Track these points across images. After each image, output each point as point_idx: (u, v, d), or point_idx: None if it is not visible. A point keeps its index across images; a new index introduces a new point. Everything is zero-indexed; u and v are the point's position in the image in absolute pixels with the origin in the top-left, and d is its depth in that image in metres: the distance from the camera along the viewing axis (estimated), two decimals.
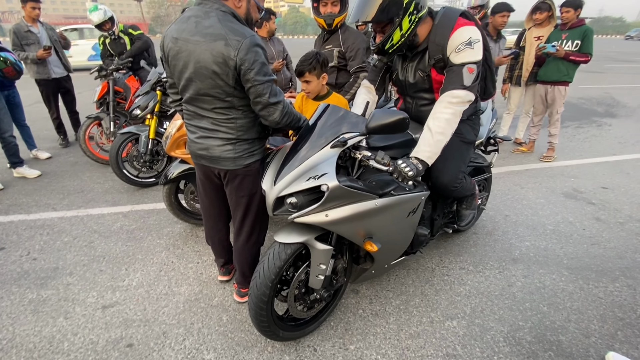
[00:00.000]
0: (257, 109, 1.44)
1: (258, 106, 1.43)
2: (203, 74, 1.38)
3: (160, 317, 1.89)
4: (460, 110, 1.52)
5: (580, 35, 3.60)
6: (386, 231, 1.56)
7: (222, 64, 1.33)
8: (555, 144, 4.10)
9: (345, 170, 1.52)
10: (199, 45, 1.34)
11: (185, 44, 1.37)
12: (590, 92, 8.21)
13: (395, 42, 1.55)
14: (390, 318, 1.89)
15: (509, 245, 2.51)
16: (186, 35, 1.37)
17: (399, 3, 1.44)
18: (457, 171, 1.77)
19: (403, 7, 1.45)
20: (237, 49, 1.30)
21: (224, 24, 1.33)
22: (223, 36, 1.31)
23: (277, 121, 1.46)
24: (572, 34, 3.66)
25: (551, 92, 3.90)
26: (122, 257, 2.40)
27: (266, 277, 1.45)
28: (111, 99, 3.72)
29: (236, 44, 1.30)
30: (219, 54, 1.32)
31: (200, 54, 1.34)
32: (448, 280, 2.17)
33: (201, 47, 1.34)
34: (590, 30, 3.59)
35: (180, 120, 2.26)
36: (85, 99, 6.46)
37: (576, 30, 3.63)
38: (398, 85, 1.87)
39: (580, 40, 3.60)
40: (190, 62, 1.38)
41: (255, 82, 1.36)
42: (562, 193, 3.30)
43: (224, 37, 1.31)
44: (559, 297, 2.04)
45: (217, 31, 1.32)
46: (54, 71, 4.09)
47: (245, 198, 1.69)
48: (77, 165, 4.00)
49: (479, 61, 1.50)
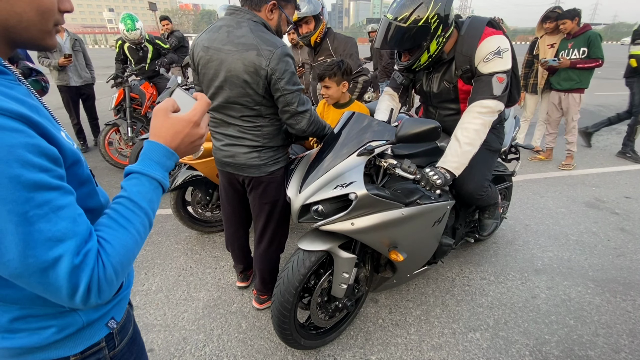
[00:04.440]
0: (285, 117, 1.46)
1: (286, 115, 1.45)
2: (234, 83, 1.40)
3: (180, 322, 1.90)
4: (489, 121, 1.50)
5: (585, 42, 3.58)
6: (411, 240, 1.54)
7: (253, 73, 1.36)
8: (573, 151, 4.03)
9: (370, 178, 1.51)
10: (231, 54, 1.37)
11: (217, 52, 1.40)
12: (608, 99, 8.06)
13: (422, 62, 1.56)
14: (411, 328, 1.86)
15: (531, 256, 2.46)
16: (218, 44, 1.40)
17: (426, 29, 1.43)
18: (483, 179, 1.75)
19: (430, 32, 1.45)
20: (269, 58, 1.33)
21: (255, 34, 1.36)
22: (255, 46, 1.34)
23: (304, 129, 1.48)
24: (577, 42, 3.64)
25: (565, 100, 3.85)
26: (142, 261, 2.42)
27: (290, 284, 1.45)
28: (127, 106, 3.82)
29: (268, 54, 1.33)
30: (250, 64, 1.34)
31: (232, 63, 1.37)
32: (469, 290, 2.13)
33: (233, 56, 1.36)
34: (594, 35, 3.56)
35: None
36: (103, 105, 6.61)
37: (580, 38, 3.61)
38: (421, 94, 1.86)
39: (586, 47, 3.58)
40: (222, 71, 1.40)
41: (284, 92, 1.38)
42: (584, 202, 3.23)
43: (256, 47, 1.34)
44: (586, 310, 1.98)
45: (249, 41, 1.35)
46: (73, 79, 4.21)
47: (268, 205, 1.69)
48: (95, 170, 4.08)
49: (508, 70, 1.48)
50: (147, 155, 0.62)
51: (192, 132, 0.65)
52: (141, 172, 0.60)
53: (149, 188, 0.60)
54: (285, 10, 1.49)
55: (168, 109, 0.64)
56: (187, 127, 0.64)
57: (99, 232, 0.54)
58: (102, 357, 0.68)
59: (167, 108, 0.64)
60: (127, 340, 0.74)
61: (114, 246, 0.53)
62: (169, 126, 0.63)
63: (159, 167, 0.62)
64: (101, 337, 0.67)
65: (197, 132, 0.66)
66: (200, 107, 0.66)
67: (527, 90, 4.27)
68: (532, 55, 4.14)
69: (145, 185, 0.59)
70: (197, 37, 1.50)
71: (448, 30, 1.50)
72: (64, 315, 0.60)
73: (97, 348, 0.66)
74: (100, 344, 0.67)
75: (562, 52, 3.71)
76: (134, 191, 0.58)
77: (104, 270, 0.51)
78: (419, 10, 1.41)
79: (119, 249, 0.53)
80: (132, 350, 0.76)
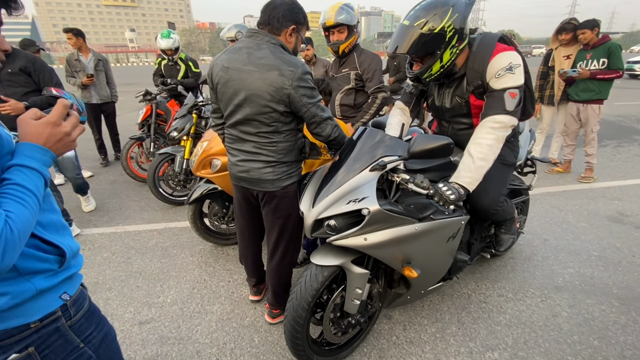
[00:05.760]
0: (312, 127, 1.56)
1: (313, 125, 1.54)
2: (254, 101, 1.47)
3: (193, 335, 1.91)
4: (503, 136, 1.49)
5: (605, 53, 3.53)
6: (425, 256, 1.52)
7: (275, 92, 1.44)
8: (593, 164, 3.92)
9: (382, 193, 1.51)
10: (252, 74, 1.45)
11: (237, 73, 1.48)
12: (628, 110, 7.84)
13: (434, 72, 1.56)
14: (426, 346, 1.81)
15: (551, 272, 2.38)
16: (238, 64, 1.48)
17: (442, 36, 1.45)
18: (498, 194, 1.72)
19: (446, 40, 1.46)
20: (291, 78, 1.42)
21: (276, 55, 1.44)
22: (277, 67, 1.42)
23: (329, 134, 1.59)
24: (596, 52, 3.58)
25: (584, 111, 3.78)
26: (157, 273, 2.47)
27: (303, 299, 1.45)
28: (153, 121, 3.97)
29: (290, 74, 1.42)
30: (272, 83, 1.43)
31: (253, 83, 1.45)
32: (486, 307, 2.07)
33: (254, 76, 1.45)
34: (615, 46, 3.51)
35: (206, 142, 2.36)
36: (122, 121, 6.87)
37: (600, 49, 3.56)
38: (433, 110, 1.87)
39: (606, 57, 3.52)
40: (242, 90, 1.48)
41: (309, 105, 1.48)
42: (606, 216, 3.12)
43: (278, 68, 1.42)
44: (611, 330, 1.89)
45: (271, 62, 1.43)
46: (94, 97, 4.42)
47: (281, 219, 1.71)
48: (115, 183, 4.22)
49: (520, 85, 1.48)
50: (20, 152, 0.69)
51: (54, 131, 0.72)
52: (19, 164, 0.67)
53: (31, 176, 0.68)
54: (300, 32, 1.58)
55: (28, 117, 0.71)
56: (48, 128, 0.71)
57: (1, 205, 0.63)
58: (60, 325, 0.79)
59: (28, 117, 0.71)
60: (83, 312, 0.85)
61: (17, 215, 0.63)
62: (30, 130, 0.71)
63: (34, 160, 0.69)
64: (56, 307, 0.78)
65: (59, 131, 0.73)
66: (56, 110, 0.73)
67: (543, 101, 4.21)
68: (546, 67, 4.10)
69: (27, 174, 0.68)
70: (216, 58, 1.58)
71: (462, 43, 1.52)
72: (16, 282, 0.70)
73: (54, 317, 0.77)
74: (57, 313, 0.78)
75: (580, 62, 3.66)
76: (18, 178, 0.66)
77: (12, 234, 0.60)
78: (436, 18, 1.43)
79: (21, 217, 0.63)
80: (91, 321, 0.87)
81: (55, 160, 0.75)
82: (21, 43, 3.81)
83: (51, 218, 0.79)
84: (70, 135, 0.75)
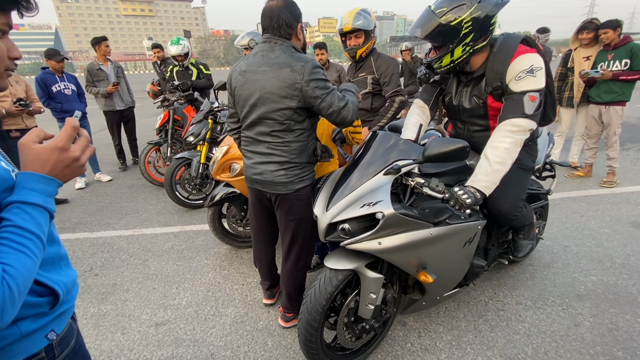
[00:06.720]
0: (333, 118, 1.56)
1: (333, 115, 1.55)
2: (268, 99, 1.53)
3: (208, 337, 1.93)
4: (521, 140, 1.46)
5: (627, 54, 3.42)
6: (441, 261, 1.50)
7: (288, 88, 1.49)
8: (615, 167, 3.79)
9: (397, 197, 1.50)
10: (267, 73, 1.52)
11: (253, 74, 1.56)
12: None
13: (444, 65, 1.55)
14: (441, 354, 1.78)
15: (572, 280, 2.30)
16: (254, 67, 1.56)
17: (456, 31, 1.44)
18: (517, 199, 1.68)
19: (459, 36, 1.45)
20: (302, 72, 1.48)
21: (287, 54, 1.54)
22: (288, 64, 1.50)
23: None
24: (618, 53, 3.48)
25: (606, 113, 3.66)
26: (173, 275, 2.51)
27: (317, 302, 1.45)
28: (170, 127, 4.08)
29: (300, 68, 1.48)
30: (285, 79, 1.49)
31: (267, 81, 1.52)
32: (504, 315, 2.02)
33: (268, 75, 1.52)
34: (638, 47, 3.40)
35: (226, 146, 2.40)
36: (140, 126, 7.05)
37: (622, 49, 3.45)
38: (450, 109, 1.84)
39: (628, 58, 3.42)
40: (257, 90, 1.54)
41: (323, 96, 1.51)
42: (630, 222, 3.00)
43: (289, 65, 1.49)
44: (636, 340, 1.81)
45: (283, 60, 1.51)
46: (118, 104, 4.58)
47: (295, 222, 1.73)
48: (133, 187, 4.33)
49: (541, 89, 1.45)
50: (22, 185, 0.61)
51: (60, 157, 0.64)
52: (20, 200, 0.60)
53: (33, 214, 0.60)
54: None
55: (30, 141, 0.63)
56: (54, 154, 0.63)
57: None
58: None
59: (30, 140, 0.63)
60: (68, 351, 0.76)
61: (17, 268, 0.55)
62: (34, 157, 0.62)
63: (37, 193, 0.61)
64: (40, 348, 0.70)
65: (67, 157, 0.64)
66: (64, 133, 0.64)
67: (562, 104, 4.10)
68: (565, 68, 4.00)
69: (29, 212, 0.60)
70: (235, 65, 1.67)
71: (478, 42, 1.49)
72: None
73: (36, 359, 0.69)
74: (40, 355, 0.70)
75: (601, 63, 3.56)
76: (19, 219, 0.58)
77: (10, 292, 0.52)
78: (458, 10, 1.41)
79: (21, 270, 0.55)
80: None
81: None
82: (46, 52, 3.98)
83: (49, 252, 0.70)
84: (79, 160, 0.67)
